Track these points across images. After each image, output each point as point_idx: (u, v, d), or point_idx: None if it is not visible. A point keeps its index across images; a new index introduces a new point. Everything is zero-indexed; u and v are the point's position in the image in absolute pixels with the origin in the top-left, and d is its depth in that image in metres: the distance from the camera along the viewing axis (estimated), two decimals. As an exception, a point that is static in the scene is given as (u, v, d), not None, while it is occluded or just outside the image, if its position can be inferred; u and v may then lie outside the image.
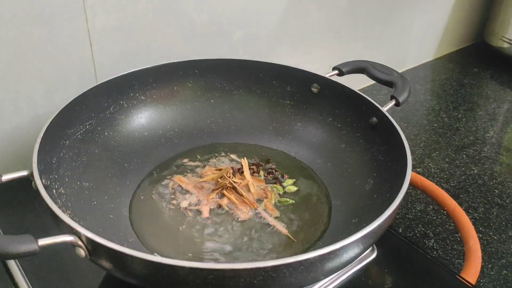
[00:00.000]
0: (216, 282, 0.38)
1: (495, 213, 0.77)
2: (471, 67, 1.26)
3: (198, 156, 0.69)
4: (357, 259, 0.52)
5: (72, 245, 0.40)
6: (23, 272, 0.54)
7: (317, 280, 0.47)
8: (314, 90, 0.69)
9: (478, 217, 0.76)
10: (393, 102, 0.61)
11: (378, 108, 0.60)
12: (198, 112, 0.72)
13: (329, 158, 0.66)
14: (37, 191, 0.45)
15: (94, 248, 0.40)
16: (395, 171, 0.53)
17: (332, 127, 0.67)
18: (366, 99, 0.62)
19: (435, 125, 1.01)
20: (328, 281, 0.54)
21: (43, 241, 0.39)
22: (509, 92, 1.15)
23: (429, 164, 0.88)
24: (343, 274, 0.55)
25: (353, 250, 0.42)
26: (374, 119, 0.60)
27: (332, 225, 0.58)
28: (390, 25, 1.08)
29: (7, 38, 0.60)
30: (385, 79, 0.66)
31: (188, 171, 0.66)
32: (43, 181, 0.47)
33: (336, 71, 0.69)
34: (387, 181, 0.54)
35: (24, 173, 0.47)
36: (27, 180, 0.48)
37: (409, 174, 0.48)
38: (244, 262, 0.40)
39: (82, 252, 0.40)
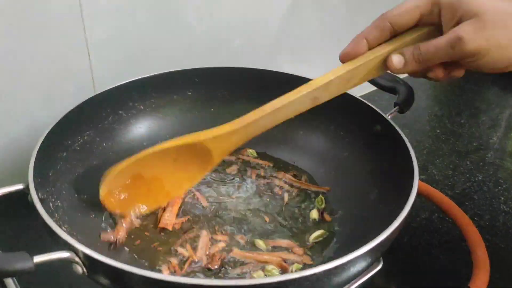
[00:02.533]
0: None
1: (501, 220, 0.75)
2: (472, 72, 1.25)
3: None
4: (362, 271, 0.51)
5: (69, 261, 0.39)
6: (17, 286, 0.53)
7: (323, 294, 0.46)
8: (316, 97, 0.68)
9: (484, 225, 0.74)
10: (397, 109, 0.60)
11: (382, 116, 0.58)
12: (198, 122, 0.70)
13: (332, 167, 0.65)
14: (33, 205, 0.44)
15: (91, 264, 0.39)
16: (401, 181, 0.51)
17: (335, 135, 0.66)
18: (369, 106, 0.61)
19: (438, 131, 0.99)
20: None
21: (38, 258, 0.37)
22: (511, 97, 1.14)
23: (433, 171, 0.86)
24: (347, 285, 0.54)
25: (360, 264, 0.40)
26: (378, 126, 0.59)
27: (337, 236, 0.56)
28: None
29: (4, 48, 0.59)
30: (388, 85, 0.65)
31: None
32: (40, 194, 0.46)
33: (339, 78, 0.68)
34: (392, 191, 0.53)
35: (20, 186, 0.46)
36: (24, 193, 0.46)
37: (416, 184, 0.47)
38: (250, 279, 0.38)
39: (79, 269, 0.39)
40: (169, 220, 0.56)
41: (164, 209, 0.58)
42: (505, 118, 1.06)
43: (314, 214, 0.60)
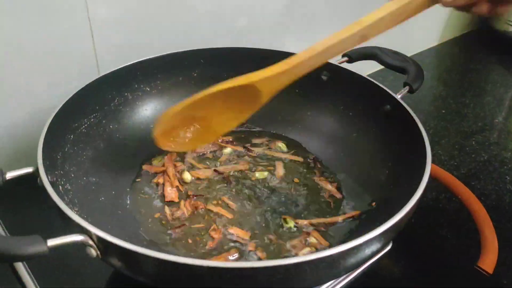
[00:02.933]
0: (234, 280, 0.36)
1: (507, 200, 0.75)
2: (476, 52, 1.24)
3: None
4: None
5: (83, 244, 0.39)
6: (29, 271, 0.52)
7: (338, 276, 0.46)
8: (324, 77, 0.67)
9: (490, 205, 0.74)
10: (407, 89, 0.60)
11: (392, 96, 0.58)
12: (204, 103, 0.70)
13: (341, 148, 0.64)
14: (42, 188, 0.44)
15: (106, 247, 0.38)
16: (412, 161, 0.51)
17: (344, 115, 0.65)
18: (379, 86, 0.60)
19: (443, 111, 0.99)
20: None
21: (52, 242, 0.37)
22: (516, 76, 1.14)
23: (439, 151, 0.86)
24: (358, 268, 0.54)
25: (374, 245, 0.40)
26: (388, 106, 0.59)
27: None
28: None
29: (6, 30, 0.58)
30: (397, 65, 0.64)
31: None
32: (49, 177, 0.45)
33: (346, 58, 0.67)
34: (403, 172, 0.53)
35: (29, 169, 0.45)
36: (31, 178, 0.46)
37: (429, 164, 0.47)
38: (265, 261, 0.38)
39: (93, 252, 0.39)
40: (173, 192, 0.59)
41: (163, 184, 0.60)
42: (510, 98, 1.05)
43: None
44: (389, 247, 0.57)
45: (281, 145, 0.67)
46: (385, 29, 0.49)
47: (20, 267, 0.53)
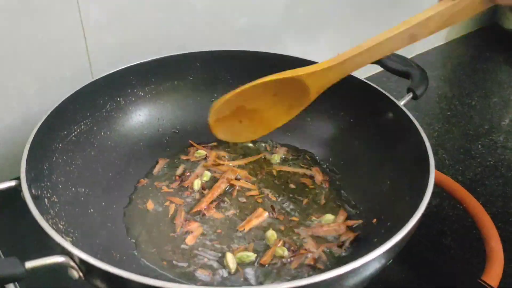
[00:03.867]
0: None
1: (514, 207, 0.73)
2: (483, 51, 1.22)
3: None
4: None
5: (64, 266, 0.37)
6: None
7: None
8: (323, 82, 0.65)
9: (496, 212, 0.72)
10: (411, 95, 0.57)
11: (395, 103, 0.56)
12: (200, 108, 0.68)
13: (341, 156, 0.62)
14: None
15: (88, 269, 0.37)
16: (415, 172, 0.49)
17: (344, 122, 0.63)
18: (381, 92, 0.58)
19: (448, 113, 0.96)
20: None
21: (30, 264, 0.35)
22: (523, 77, 1.11)
23: (443, 155, 0.84)
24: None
25: (374, 266, 0.38)
26: (390, 114, 0.57)
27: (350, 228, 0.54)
28: (398, 9, 1.03)
29: (-4, 31, 0.57)
30: (401, 70, 0.62)
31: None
32: (33, 190, 0.44)
33: (347, 62, 0.65)
34: (406, 183, 0.51)
35: (12, 183, 0.44)
36: (16, 191, 0.44)
37: (433, 177, 0.45)
38: (258, 286, 0.36)
39: (75, 274, 0.37)
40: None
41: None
42: (517, 99, 1.03)
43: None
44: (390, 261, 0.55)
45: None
46: (435, 29, 0.49)
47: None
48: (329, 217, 0.56)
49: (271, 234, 0.53)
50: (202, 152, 0.65)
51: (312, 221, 0.56)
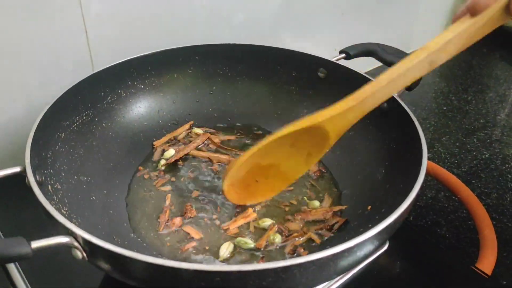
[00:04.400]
0: (222, 284, 0.36)
1: (508, 199, 0.74)
2: (479, 47, 1.23)
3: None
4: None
5: (68, 246, 0.38)
6: (21, 272, 0.52)
7: (330, 279, 0.45)
8: (321, 75, 0.66)
9: (491, 203, 0.73)
10: (405, 86, 0.58)
11: (389, 94, 0.56)
12: (199, 100, 0.69)
13: (337, 146, 0.62)
14: (30, 188, 0.43)
15: (91, 250, 0.38)
16: (409, 160, 0.50)
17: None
18: (376, 83, 0.58)
19: (444, 108, 0.98)
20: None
21: (36, 244, 0.36)
22: (519, 72, 1.12)
23: (439, 149, 0.85)
24: (352, 269, 0.53)
25: (368, 247, 0.39)
26: (385, 104, 0.57)
27: (343, 216, 0.55)
28: (395, 5, 1.04)
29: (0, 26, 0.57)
30: (395, 62, 0.63)
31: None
32: (37, 177, 0.44)
33: (343, 55, 0.66)
34: (400, 171, 0.51)
35: (17, 169, 0.45)
36: (21, 177, 0.45)
37: (425, 164, 0.45)
38: (252, 264, 0.37)
39: (78, 254, 0.38)
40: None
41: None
42: (513, 94, 1.04)
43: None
44: (386, 247, 0.56)
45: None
46: (455, 52, 0.46)
47: (12, 267, 0.52)
48: (315, 203, 0.58)
49: (264, 220, 0.55)
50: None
51: (301, 208, 0.57)
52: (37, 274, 0.52)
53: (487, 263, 0.58)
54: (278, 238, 0.52)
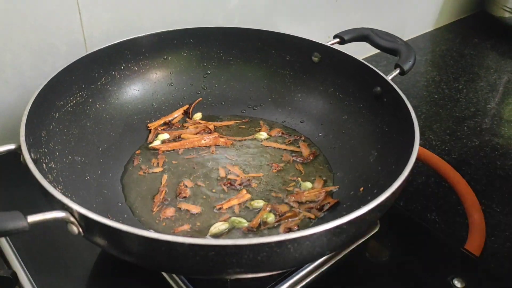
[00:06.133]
0: (217, 258, 0.36)
1: (497, 185, 0.75)
2: (471, 37, 1.24)
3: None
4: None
5: (64, 221, 0.38)
6: (14, 249, 0.52)
7: (323, 255, 0.45)
8: (315, 59, 0.66)
9: (480, 189, 0.74)
10: (398, 70, 0.59)
11: (383, 77, 0.57)
12: (193, 83, 0.69)
13: (331, 130, 0.64)
14: (26, 165, 0.43)
15: (87, 224, 0.38)
16: (401, 143, 0.50)
17: (334, 97, 0.65)
18: (370, 67, 0.59)
19: (436, 96, 0.98)
20: (330, 255, 0.52)
21: (32, 218, 0.36)
22: (510, 62, 1.13)
23: (430, 136, 0.86)
24: (345, 248, 0.54)
25: (359, 225, 0.40)
26: (378, 88, 0.58)
27: (335, 197, 0.56)
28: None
29: (-9, 5, 0.57)
30: (389, 46, 0.64)
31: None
32: (32, 155, 0.44)
33: (338, 39, 0.67)
34: (392, 153, 0.52)
35: (12, 146, 0.45)
36: (17, 154, 0.45)
37: (417, 145, 0.46)
38: (247, 239, 0.38)
39: (74, 229, 0.38)
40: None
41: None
42: (503, 84, 1.05)
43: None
44: (376, 229, 0.56)
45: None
46: None
47: (3, 242, 0.52)
48: (307, 184, 0.58)
49: (258, 201, 0.55)
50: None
51: (294, 190, 0.58)
52: (30, 249, 0.52)
53: (476, 244, 0.59)
54: (271, 218, 0.53)
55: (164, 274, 0.49)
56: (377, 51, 0.68)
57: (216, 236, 0.51)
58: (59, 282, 0.50)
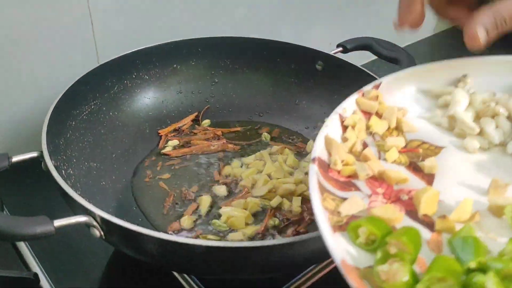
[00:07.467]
0: (230, 258, 0.38)
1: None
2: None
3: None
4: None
5: (87, 225, 0.41)
6: (32, 251, 0.54)
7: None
8: (319, 67, 0.69)
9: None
10: (399, 78, 0.61)
11: (384, 85, 0.59)
12: (202, 91, 0.71)
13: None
14: (46, 172, 0.45)
15: (109, 228, 0.40)
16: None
17: (338, 104, 0.66)
18: (372, 76, 0.61)
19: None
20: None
21: (58, 222, 0.39)
22: (508, 67, 1.15)
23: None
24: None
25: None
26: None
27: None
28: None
29: (9, 18, 0.59)
30: (390, 55, 0.66)
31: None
32: (53, 162, 0.47)
33: (341, 48, 0.69)
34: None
35: (34, 154, 0.47)
36: (35, 162, 0.47)
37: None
38: (264, 240, 0.40)
39: (97, 232, 0.41)
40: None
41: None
42: (502, 89, 1.06)
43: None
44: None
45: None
46: None
47: (22, 246, 0.55)
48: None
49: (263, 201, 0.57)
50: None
51: (304, 193, 0.59)
52: (48, 252, 0.54)
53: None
54: (276, 222, 0.55)
55: (175, 273, 0.52)
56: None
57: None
58: (76, 283, 0.53)
